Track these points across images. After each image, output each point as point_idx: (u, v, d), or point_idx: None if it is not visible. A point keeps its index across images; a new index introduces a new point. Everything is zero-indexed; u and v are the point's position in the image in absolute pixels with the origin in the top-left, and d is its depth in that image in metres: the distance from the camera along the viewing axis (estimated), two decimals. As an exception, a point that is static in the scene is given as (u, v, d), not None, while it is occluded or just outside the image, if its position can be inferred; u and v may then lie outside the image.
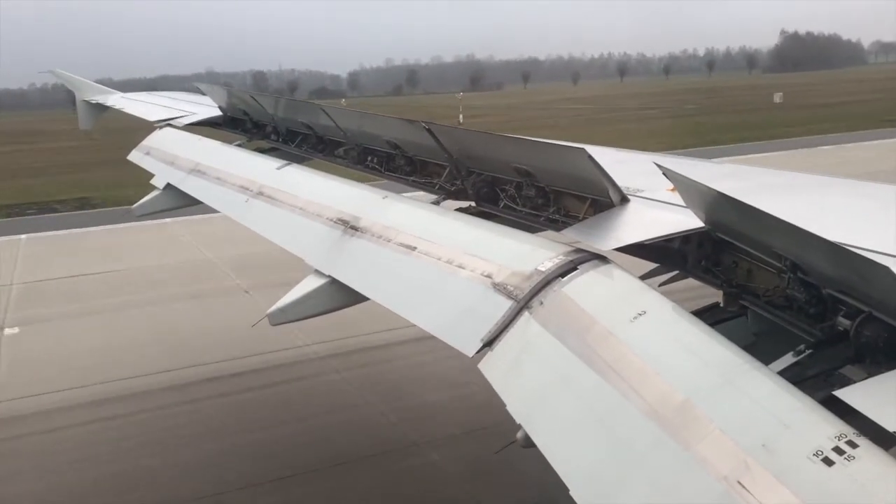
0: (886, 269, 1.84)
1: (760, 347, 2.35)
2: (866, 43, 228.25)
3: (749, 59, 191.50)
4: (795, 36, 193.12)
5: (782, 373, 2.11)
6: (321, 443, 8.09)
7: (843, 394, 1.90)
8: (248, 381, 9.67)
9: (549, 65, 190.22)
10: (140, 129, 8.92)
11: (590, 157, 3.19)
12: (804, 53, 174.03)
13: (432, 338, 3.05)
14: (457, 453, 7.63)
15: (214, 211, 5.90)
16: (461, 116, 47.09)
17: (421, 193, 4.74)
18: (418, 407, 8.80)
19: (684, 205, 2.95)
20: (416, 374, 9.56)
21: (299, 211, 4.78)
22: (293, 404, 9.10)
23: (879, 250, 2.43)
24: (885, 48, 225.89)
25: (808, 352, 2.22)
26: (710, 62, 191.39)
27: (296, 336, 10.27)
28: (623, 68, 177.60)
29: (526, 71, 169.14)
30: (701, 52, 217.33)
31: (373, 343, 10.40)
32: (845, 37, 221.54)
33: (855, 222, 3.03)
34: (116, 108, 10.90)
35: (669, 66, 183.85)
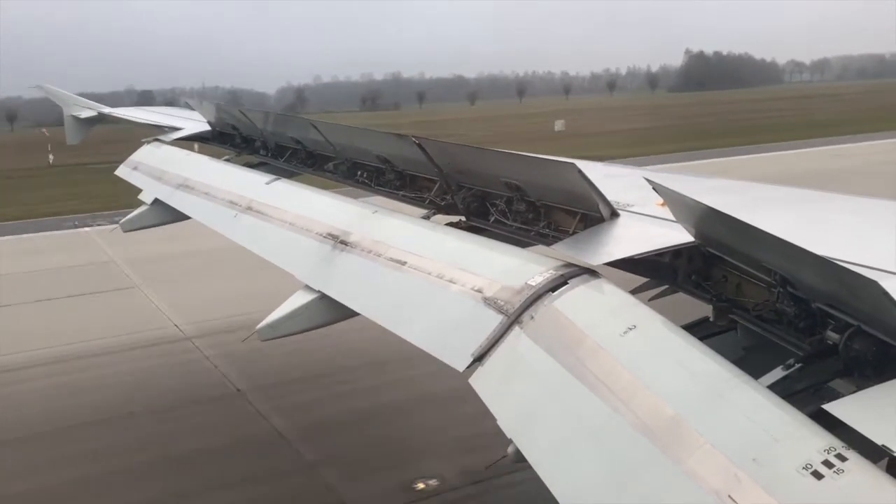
0: (875, 283, 1.86)
1: (750, 361, 2.36)
2: (782, 62, 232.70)
3: (650, 80, 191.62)
4: (701, 56, 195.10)
5: (772, 387, 2.11)
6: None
7: (833, 407, 1.90)
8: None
9: (476, 83, 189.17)
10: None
11: (580, 171, 3.21)
12: (712, 73, 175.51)
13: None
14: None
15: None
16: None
17: (411, 208, 4.74)
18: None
19: (674, 219, 2.97)
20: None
21: (288, 226, 4.77)
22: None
23: (868, 265, 2.44)
24: (799, 67, 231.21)
25: (797, 366, 2.23)
26: (611, 82, 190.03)
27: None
28: (522, 87, 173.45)
29: (454, 88, 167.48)
30: (623, 71, 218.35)
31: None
32: (758, 56, 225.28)
33: (844, 237, 3.05)
34: (106, 122, 10.89)
35: (569, 86, 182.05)
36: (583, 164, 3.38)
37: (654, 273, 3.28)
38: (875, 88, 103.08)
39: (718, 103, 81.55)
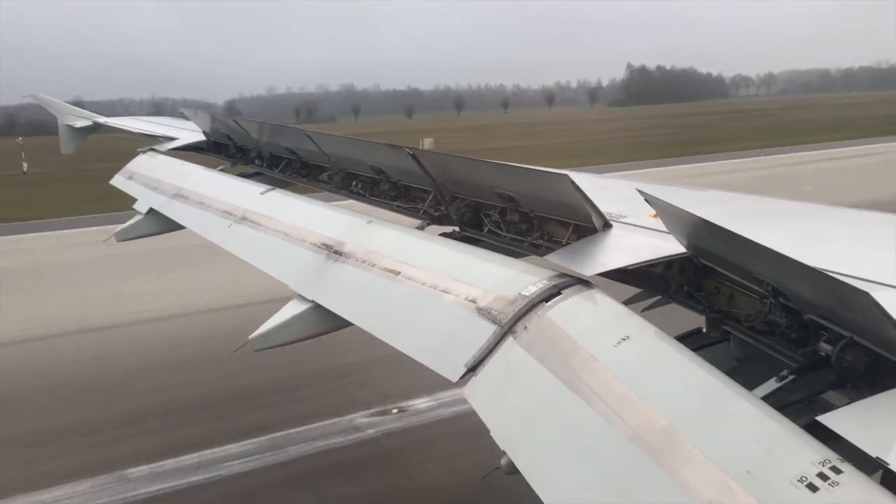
0: (866, 294, 1.86)
1: (743, 372, 2.35)
2: (728, 76, 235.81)
3: (590, 94, 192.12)
4: (643, 70, 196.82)
5: (766, 398, 2.11)
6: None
7: (827, 419, 1.90)
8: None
9: (429, 95, 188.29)
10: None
11: (573, 182, 3.21)
12: (655, 87, 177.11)
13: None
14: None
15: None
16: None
17: (405, 218, 4.74)
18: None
19: (666, 231, 2.97)
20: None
21: (283, 236, 4.76)
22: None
23: (860, 276, 2.45)
24: (746, 81, 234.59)
25: (790, 377, 2.23)
26: (550, 96, 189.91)
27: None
28: (460, 102, 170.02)
29: (407, 102, 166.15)
30: (574, 84, 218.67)
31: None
32: (703, 70, 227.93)
33: (836, 248, 3.05)
34: (101, 132, 10.88)
35: (508, 101, 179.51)
36: (576, 176, 3.38)
37: (646, 284, 3.29)
38: (802, 103, 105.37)
39: (645, 117, 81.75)
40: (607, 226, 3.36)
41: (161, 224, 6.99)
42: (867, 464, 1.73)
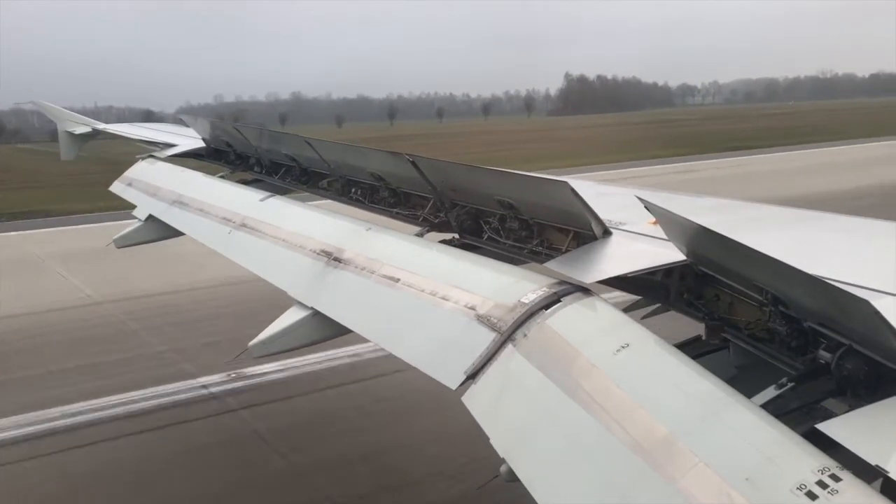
0: (866, 302, 1.86)
1: (743, 380, 2.35)
2: (674, 86, 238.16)
3: (527, 102, 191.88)
4: (582, 79, 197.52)
5: (765, 406, 2.11)
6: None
7: (826, 427, 1.90)
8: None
9: (378, 103, 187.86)
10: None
11: (572, 190, 3.22)
12: (596, 96, 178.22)
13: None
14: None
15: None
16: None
17: (405, 225, 4.74)
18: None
19: (666, 238, 2.98)
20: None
21: (282, 243, 4.77)
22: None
23: (860, 284, 2.45)
24: (691, 90, 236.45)
25: (790, 385, 2.23)
26: (486, 105, 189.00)
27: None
28: (392, 111, 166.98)
29: (358, 110, 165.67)
30: (522, 93, 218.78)
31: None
32: (646, 80, 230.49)
33: (836, 256, 3.06)
34: (100, 138, 10.89)
35: (443, 110, 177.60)
36: (576, 183, 3.39)
37: (646, 291, 3.29)
38: (731, 113, 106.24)
39: (575, 127, 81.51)
40: (607, 233, 3.36)
41: (160, 231, 6.99)
42: (867, 472, 1.73)
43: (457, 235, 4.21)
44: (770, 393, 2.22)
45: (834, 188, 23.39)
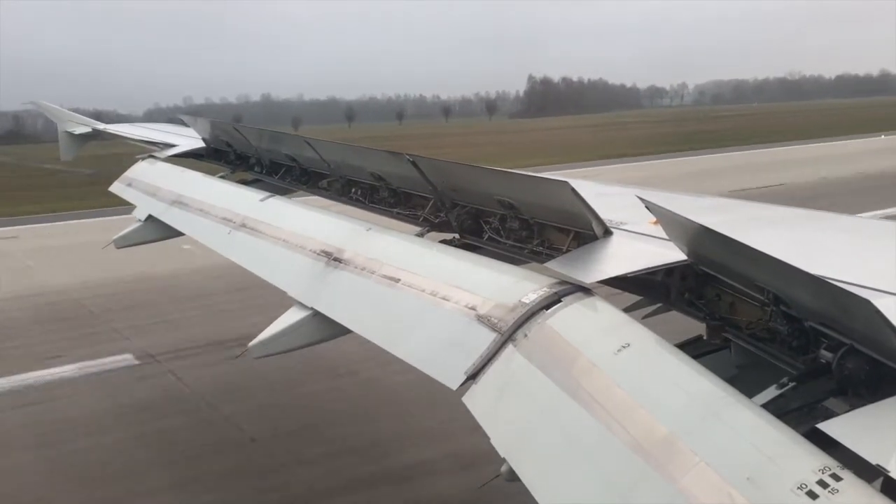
0: (867, 301, 1.86)
1: (744, 380, 2.35)
2: (642, 87, 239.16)
3: (488, 105, 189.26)
4: (546, 81, 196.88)
5: (766, 405, 2.11)
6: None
7: (827, 426, 1.90)
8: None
9: (349, 105, 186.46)
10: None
11: (573, 189, 3.22)
12: (559, 98, 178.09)
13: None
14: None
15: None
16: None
17: (405, 225, 4.74)
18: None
19: (667, 238, 2.98)
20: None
21: (282, 243, 4.76)
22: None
23: (861, 283, 2.45)
24: (659, 92, 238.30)
25: (791, 384, 2.23)
26: (446, 108, 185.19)
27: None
28: (350, 113, 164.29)
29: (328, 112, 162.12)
30: (493, 95, 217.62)
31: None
32: (612, 81, 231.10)
33: (838, 256, 3.06)
34: (100, 139, 10.89)
35: (403, 113, 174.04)
36: (576, 183, 3.39)
37: (647, 291, 3.29)
38: (689, 115, 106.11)
39: (532, 130, 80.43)
40: (608, 233, 3.36)
41: (160, 231, 6.99)
42: (867, 471, 1.73)
43: (457, 235, 4.21)
44: (771, 392, 2.22)
45: (736, 187, 23.43)
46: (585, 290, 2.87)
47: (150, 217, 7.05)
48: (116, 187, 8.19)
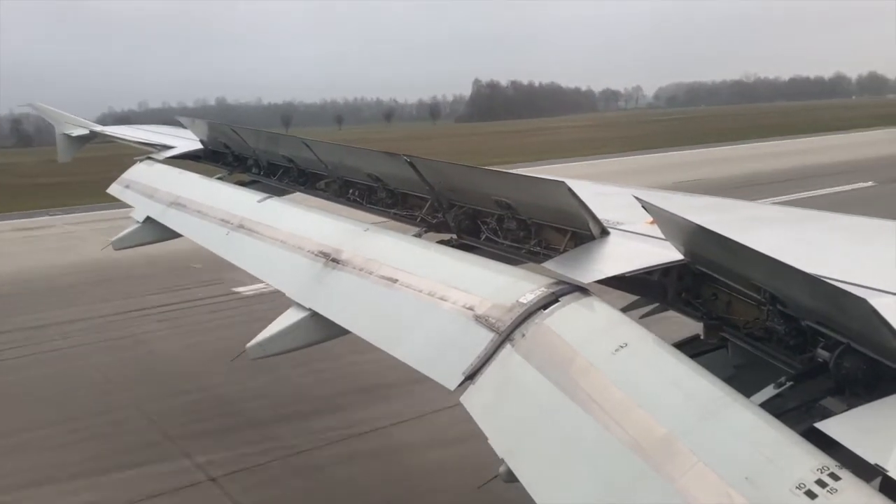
0: (864, 300, 1.86)
1: (741, 379, 2.36)
2: (597, 90, 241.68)
3: (431, 109, 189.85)
4: (492, 85, 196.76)
5: (764, 405, 2.11)
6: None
7: (825, 426, 1.90)
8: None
9: (305, 109, 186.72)
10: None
11: (569, 189, 3.22)
12: (507, 102, 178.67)
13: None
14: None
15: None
16: None
17: (402, 226, 4.74)
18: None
19: (664, 237, 2.98)
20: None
21: (280, 244, 4.76)
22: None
23: (858, 283, 2.45)
24: (614, 95, 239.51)
25: (788, 384, 2.23)
26: (388, 112, 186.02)
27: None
28: (287, 118, 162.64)
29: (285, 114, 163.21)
30: (448, 99, 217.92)
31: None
32: (566, 85, 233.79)
33: (834, 255, 3.06)
34: (97, 140, 10.88)
35: (343, 117, 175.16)
36: (573, 183, 3.39)
37: (644, 291, 3.29)
38: (622, 119, 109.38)
39: (463, 135, 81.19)
40: (605, 233, 3.36)
41: (158, 233, 6.98)
42: (866, 470, 1.73)
43: (455, 236, 4.21)
44: (769, 392, 2.22)
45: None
46: (583, 290, 2.87)
47: (147, 219, 7.04)
48: (114, 189, 8.18)
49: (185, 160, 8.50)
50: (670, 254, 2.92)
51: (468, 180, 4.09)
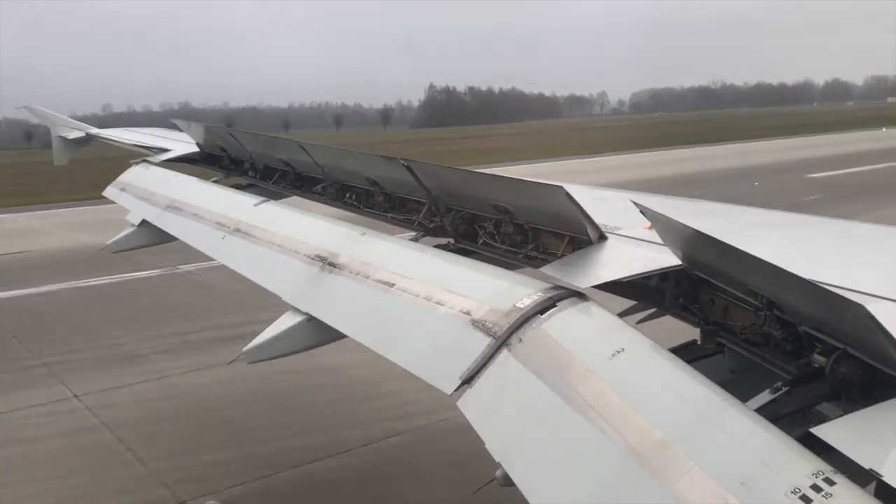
0: (860, 306, 1.87)
1: (738, 384, 2.36)
2: (562, 96, 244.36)
3: (382, 114, 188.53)
4: (448, 90, 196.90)
5: (760, 410, 2.12)
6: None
7: (820, 431, 1.91)
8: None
9: (266, 113, 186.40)
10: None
11: (567, 194, 3.22)
12: (466, 108, 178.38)
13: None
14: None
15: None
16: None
17: (400, 230, 4.74)
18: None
19: (661, 242, 2.98)
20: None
21: (277, 248, 4.75)
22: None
23: (855, 288, 2.46)
24: (579, 101, 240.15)
25: (784, 389, 2.23)
26: (337, 117, 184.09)
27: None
28: (231, 120, 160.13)
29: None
30: (415, 104, 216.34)
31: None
32: (529, 91, 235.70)
33: (831, 260, 3.07)
34: (93, 143, 10.86)
35: (288, 121, 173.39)
36: (571, 188, 3.40)
37: (641, 296, 3.29)
38: (573, 126, 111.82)
39: (398, 141, 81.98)
40: (602, 238, 3.37)
41: (154, 236, 6.96)
42: (861, 475, 1.73)
43: (452, 240, 4.21)
44: (765, 397, 2.23)
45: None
46: (580, 295, 2.87)
47: (143, 222, 7.02)
48: (110, 192, 8.16)
49: (182, 163, 8.48)
50: (668, 259, 2.93)
51: (466, 184, 4.10)
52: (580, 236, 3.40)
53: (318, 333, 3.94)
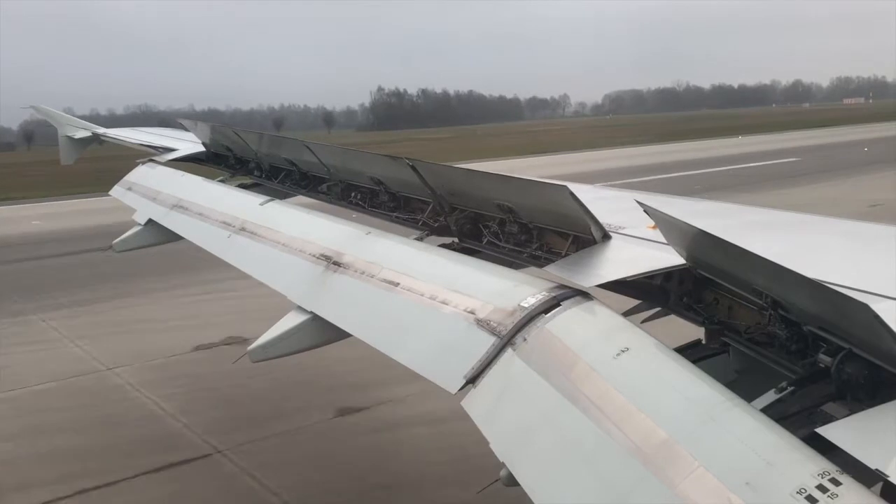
0: (865, 306, 1.86)
1: (743, 384, 2.35)
2: (524, 99, 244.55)
3: (325, 117, 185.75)
4: (398, 93, 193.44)
5: (765, 410, 2.11)
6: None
7: (826, 431, 1.90)
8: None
9: (253, 114, 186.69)
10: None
11: (571, 193, 3.22)
12: (413, 111, 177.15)
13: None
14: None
15: None
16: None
17: (404, 229, 4.74)
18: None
19: (666, 242, 2.98)
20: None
21: (282, 247, 4.76)
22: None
23: (859, 288, 2.45)
24: (541, 104, 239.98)
25: (790, 389, 2.23)
26: (277, 120, 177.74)
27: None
28: (164, 120, 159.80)
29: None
30: (355, 107, 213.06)
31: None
32: (492, 94, 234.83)
33: (836, 260, 3.06)
34: (99, 143, 10.90)
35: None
36: (575, 187, 3.39)
37: (645, 295, 3.29)
38: (521, 128, 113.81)
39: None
40: (606, 237, 3.36)
41: (160, 235, 6.98)
42: (866, 476, 1.73)
43: (456, 239, 4.21)
44: (770, 397, 2.22)
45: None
46: (584, 295, 2.86)
47: (150, 221, 7.04)
48: (116, 191, 8.18)
49: (188, 163, 8.50)
50: (672, 258, 2.92)
51: (470, 184, 4.09)
52: (584, 236, 3.40)
53: (323, 333, 3.94)
